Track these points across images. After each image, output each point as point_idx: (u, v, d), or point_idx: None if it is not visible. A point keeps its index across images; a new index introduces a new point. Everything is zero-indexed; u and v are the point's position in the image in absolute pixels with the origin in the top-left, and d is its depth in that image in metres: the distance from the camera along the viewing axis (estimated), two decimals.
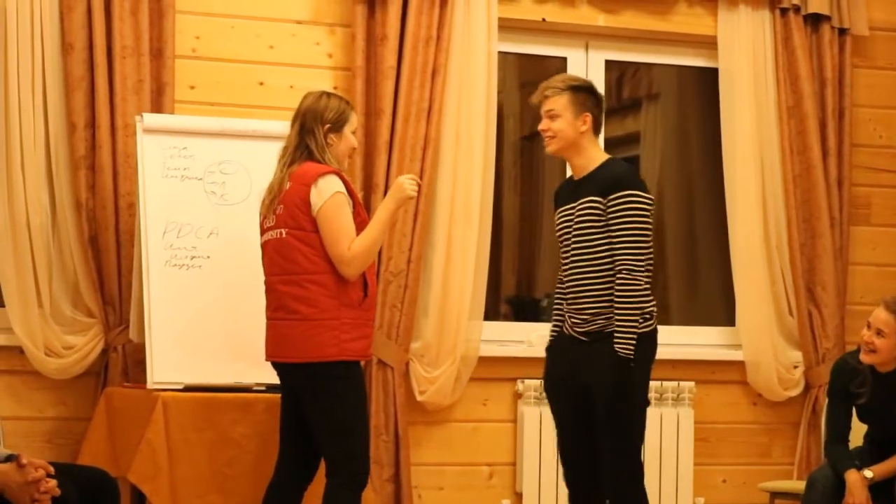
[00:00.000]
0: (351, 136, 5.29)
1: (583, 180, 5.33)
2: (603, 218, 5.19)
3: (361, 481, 5.14)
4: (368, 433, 5.25)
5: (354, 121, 5.32)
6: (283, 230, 5.14)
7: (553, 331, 5.49)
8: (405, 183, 5.28)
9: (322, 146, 5.19)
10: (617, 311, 5.15)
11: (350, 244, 5.07)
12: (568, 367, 5.36)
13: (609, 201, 5.17)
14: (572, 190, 5.38)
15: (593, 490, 5.36)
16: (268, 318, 5.24)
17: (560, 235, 5.39)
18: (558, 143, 5.35)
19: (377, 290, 5.26)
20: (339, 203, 5.10)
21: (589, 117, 5.34)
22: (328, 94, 5.29)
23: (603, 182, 5.23)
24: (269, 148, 5.64)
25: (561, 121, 5.32)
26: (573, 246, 5.29)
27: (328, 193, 5.08)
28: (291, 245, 5.12)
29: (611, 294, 5.17)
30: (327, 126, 5.20)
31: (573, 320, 5.32)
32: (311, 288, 5.08)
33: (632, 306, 5.13)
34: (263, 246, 5.25)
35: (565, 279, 5.35)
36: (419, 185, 5.41)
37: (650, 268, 5.22)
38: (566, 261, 5.35)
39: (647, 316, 5.21)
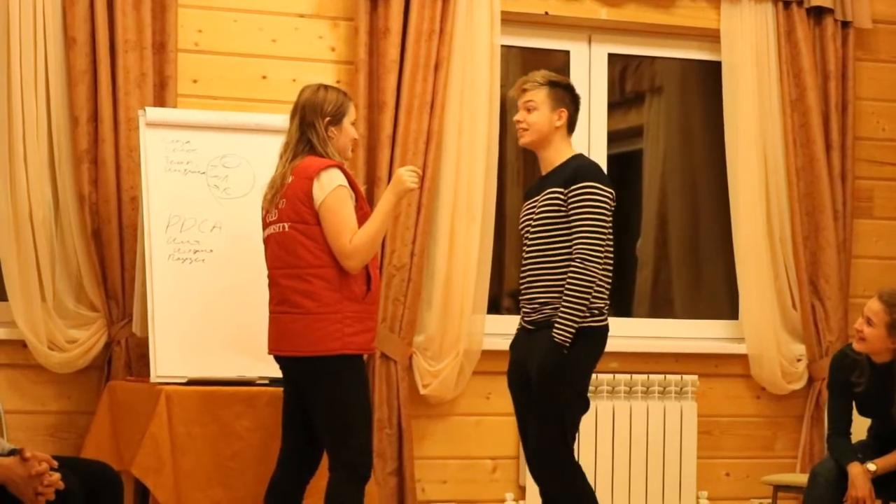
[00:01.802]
0: (351, 128, 5.28)
1: (548, 174, 5.39)
2: (563, 208, 5.23)
3: (364, 474, 5.14)
4: (371, 427, 5.25)
5: (353, 112, 5.31)
6: (285, 224, 5.14)
7: (518, 326, 5.52)
8: (405, 175, 5.27)
9: (324, 139, 5.18)
10: (564, 297, 5.16)
11: (352, 237, 5.07)
12: (518, 359, 5.42)
13: (570, 192, 5.21)
14: (539, 184, 5.43)
15: None
16: (271, 312, 5.23)
17: (522, 227, 5.44)
18: (531, 136, 5.41)
19: (381, 284, 5.25)
20: (341, 196, 5.09)
21: (565, 113, 5.39)
22: (325, 87, 5.28)
23: (565, 174, 5.27)
24: (272, 142, 5.64)
25: (537, 114, 5.38)
26: (532, 236, 5.33)
27: (330, 187, 5.08)
28: (294, 239, 5.12)
29: (562, 285, 5.19)
30: (327, 119, 5.20)
31: (524, 310, 5.38)
32: (313, 282, 5.08)
33: (579, 295, 5.14)
34: (266, 240, 5.25)
35: (523, 269, 5.39)
36: (420, 177, 5.40)
37: (608, 263, 5.24)
38: (525, 252, 5.38)
39: (595, 311, 5.22)
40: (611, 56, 7.14)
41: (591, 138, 6.97)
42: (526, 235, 5.40)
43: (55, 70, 6.07)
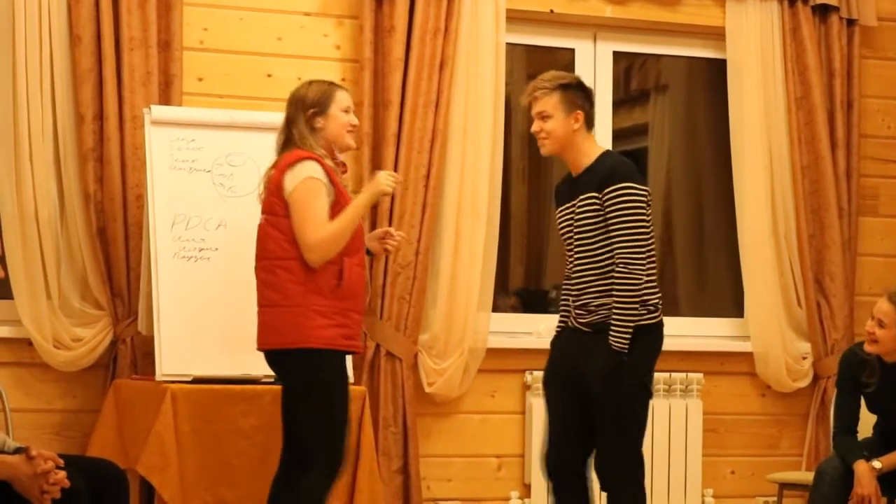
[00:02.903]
0: (342, 115, 5.23)
1: (580, 176, 5.30)
2: (601, 213, 5.16)
3: (324, 474, 5.09)
4: (336, 426, 5.13)
5: (344, 99, 5.25)
6: (262, 216, 5.18)
7: (559, 324, 5.48)
8: (382, 178, 5.26)
9: (303, 133, 5.17)
10: (614, 305, 5.12)
11: (316, 230, 5.04)
12: (569, 358, 5.35)
13: (605, 195, 5.14)
14: (571, 187, 5.35)
15: (576, 482, 5.33)
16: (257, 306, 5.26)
17: (563, 234, 5.37)
18: (552, 145, 5.32)
19: (362, 280, 5.17)
20: (310, 188, 5.06)
21: (581, 114, 5.29)
22: (312, 81, 5.29)
23: (599, 176, 5.20)
24: None
25: (553, 121, 5.28)
26: (576, 244, 5.27)
27: (301, 177, 5.06)
28: (265, 231, 5.15)
29: (612, 288, 5.15)
30: (311, 111, 5.18)
31: (578, 312, 5.31)
32: (279, 274, 5.08)
33: (629, 301, 5.10)
34: None
35: (572, 276, 5.33)
36: (399, 184, 5.40)
37: (652, 259, 5.19)
38: (571, 258, 5.33)
39: (652, 308, 5.19)
40: (616, 54, 7.13)
41: (596, 136, 6.92)
42: (569, 242, 5.32)
43: (60, 68, 6.07)
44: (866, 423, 5.99)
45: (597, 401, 5.19)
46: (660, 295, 5.25)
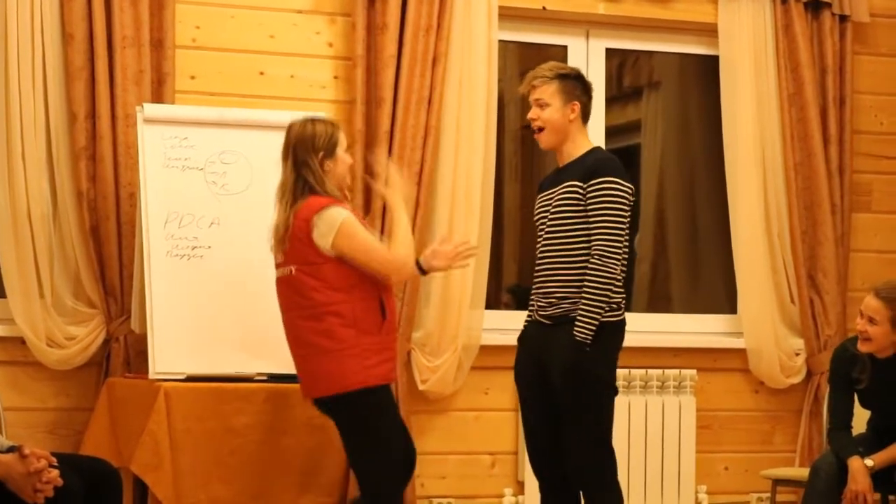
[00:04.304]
0: (345, 156, 5.27)
1: (566, 167, 5.32)
2: (581, 203, 5.18)
3: (400, 489, 5.21)
4: (392, 456, 5.19)
5: (344, 139, 5.29)
6: (292, 267, 5.14)
7: (526, 319, 5.49)
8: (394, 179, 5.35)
9: (320, 177, 5.16)
10: (584, 294, 5.12)
11: (387, 252, 5.11)
12: (532, 353, 5.36)
13: (588, 187, 5.16)
14: (555, 177, 5.37)
15: (562, 481, 5.32)
16: (293, 356, 5.23)
17: (537, 220, 5.39)
18: (549, 136, 5.34)
19: (396, 314, 5.28)
20: (350, 230, 5.09)
21: (577, 106, 5.32)
22: (313, 121, 5.25)
23: (584, 168, 5.22)
24: (270, 138, 5.65)
25: (550, 110, 5.31)
26: (548, 229, 5.28)
27: (335, 227, 5.07)
28: (302, 282, 5.11)
29: (579, 280, 5.15)
30: (321, 154, 5.18)
31: (540, 303, 5.32)
32: (328, 320, 5.08)
33: (600, 292, 5.11)
34: (277, 282, 5.25)
35: (539, 265, 5.35)
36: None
37: (624, 258, 5.20)
38: (539, 246, 5.34)
39: (615, 306, 5.19)
40: (608, 51, 7.14)
41: (589, 133, 6.94)
42: (541, 228, 5.35)
43: (53, 67, 6.06)
44: (861, 418, 5.99)
45: (560, 396, 5.19)
46: (624, 295, 5.26)
